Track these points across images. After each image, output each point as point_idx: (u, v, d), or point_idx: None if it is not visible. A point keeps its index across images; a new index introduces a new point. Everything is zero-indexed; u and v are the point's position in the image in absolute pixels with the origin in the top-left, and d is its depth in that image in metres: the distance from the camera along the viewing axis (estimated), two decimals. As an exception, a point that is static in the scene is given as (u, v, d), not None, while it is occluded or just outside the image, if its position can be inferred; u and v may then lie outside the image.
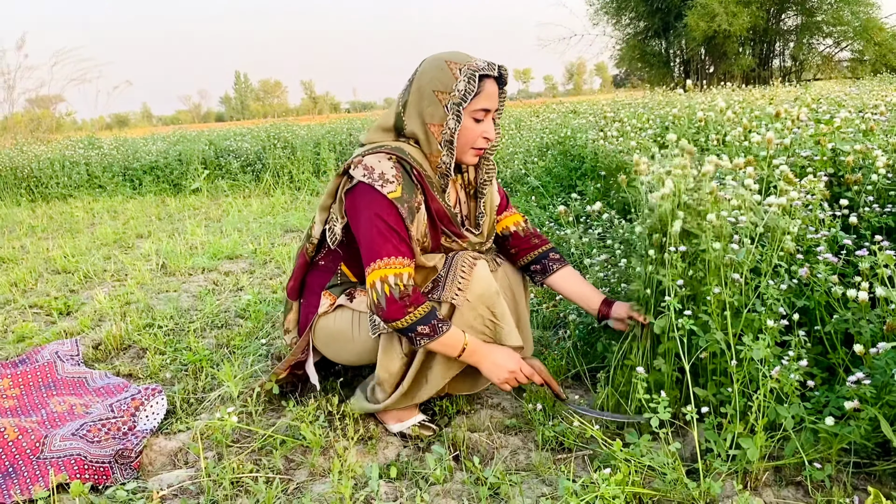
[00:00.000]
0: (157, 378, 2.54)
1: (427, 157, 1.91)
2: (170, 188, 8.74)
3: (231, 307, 3.39)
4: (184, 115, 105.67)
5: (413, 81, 1.90)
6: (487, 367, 1.88)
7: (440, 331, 1.79)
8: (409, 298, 1.76)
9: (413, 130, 1.89)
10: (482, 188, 2.07)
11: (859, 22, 23.91)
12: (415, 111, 1.88)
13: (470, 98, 1.83)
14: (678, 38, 26.24)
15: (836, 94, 5.78)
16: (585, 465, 1.82)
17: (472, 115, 1.86)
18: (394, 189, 1.79)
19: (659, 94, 8.35)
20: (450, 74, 1.83)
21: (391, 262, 1.77)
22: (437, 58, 1.88)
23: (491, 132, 1.91)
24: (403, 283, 1.77)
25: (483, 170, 2.06)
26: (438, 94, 1.83)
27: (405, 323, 1.76)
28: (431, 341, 1.79)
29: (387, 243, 1.78)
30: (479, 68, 1.83)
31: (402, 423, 2.03)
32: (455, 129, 1.85)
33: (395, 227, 1.79)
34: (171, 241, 5.19)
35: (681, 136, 3.73)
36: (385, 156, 1.84)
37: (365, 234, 1.81)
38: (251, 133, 10.21)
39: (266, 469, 1.85)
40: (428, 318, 1.78)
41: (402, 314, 1.76)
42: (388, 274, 1.76)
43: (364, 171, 1.81)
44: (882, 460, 1.67)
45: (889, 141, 2.53)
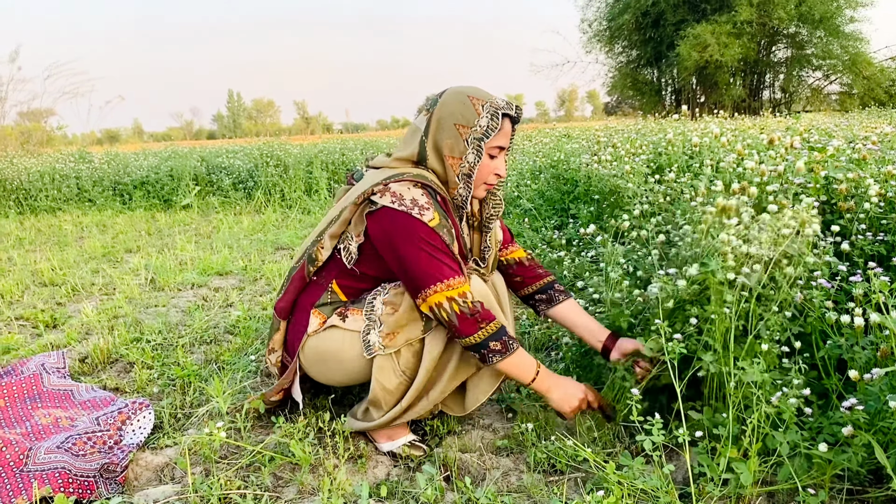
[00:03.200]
0: (145, 392, 2.51)
1: (446, 186, 1.92)
2: (160, 203, 8.71)
3: (220, 323, 3.36)
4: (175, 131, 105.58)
5: (432, 112, 1.90)
6: (559, 395, 1.90)
7: (511, 348, 1.81)
8: (479, 315, 1.78)
9: (433, 160, 1.90)
10: (488, 222, 2.08)
11: (848, 56, 24.32)
12: (434, 144, 1.89)
13: (493, 134, 1.85)
14: (670, 68, 26.56)
15: (825, 125, 5.84)
16: (578, 488, 1.80)
17: (489, 152, 1.88)
18: (432, 216, 1.80)
19: (651, 122, 8.42)
20: (472, 109, 1.85)
21: (452, 283, 1.78)
22: (460, 92, 1.90)
23: (502, 169, 1.93)
24: (471, 300, 1.78)
25: (490, 204, 2.06)
26: (460, 128, 1.85)
27: (479, 339, 1.78)
28: (503, 359, 1.81)
29: (442, 266, 1.78)
30: (501, 107, 1.86)
31: (392, 442, 2.00)
32: (475, 163, 1.86)
33: (444, 251, 1.80)
34: (161, 256, 5.15)
35: (674, 162, 3.76)
36: (411, 183, 1.84)
37: (412, 261, 1.78)
38: (243, 151, 10.21)
39: (254, 486, 1.82)
40: (499, 334, 1.79)
41: (475, 329, 1.77)
42: (454, 294, 1.77)
43: (392, 198, 1.80)
44: (874, 487, 1.66)
45: (881, 171, 2.55)
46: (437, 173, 1.92)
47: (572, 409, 1.90)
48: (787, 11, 23.30)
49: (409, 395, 1.90)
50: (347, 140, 13.51)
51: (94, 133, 33.16)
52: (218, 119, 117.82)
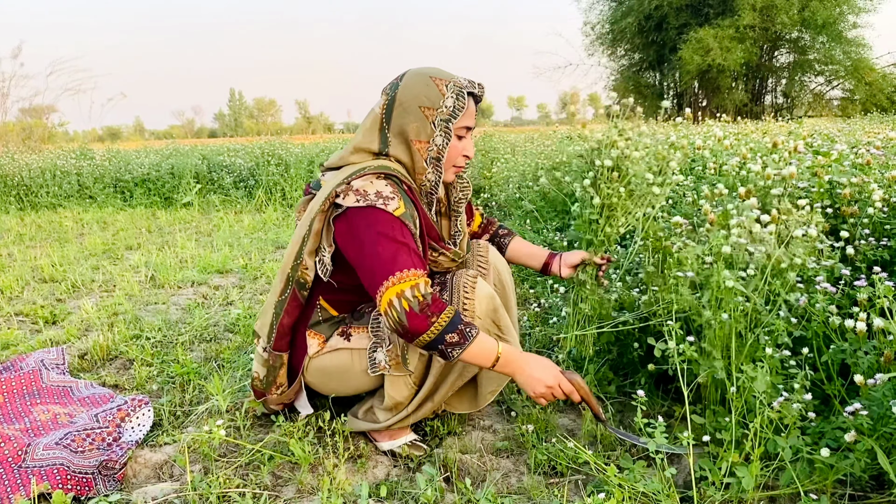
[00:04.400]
0: (144, 390, 2.50)
1: (412, 174, 1.87)
2: (161, 201, 8.70)
3: (220, 321, 3.35)
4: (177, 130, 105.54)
5: (394, 97, 1.83)
6: (524, 378, 1.79)
7: (469, 336, 1.70)
8: (429, 308, 1.67)
9: (396, 147, 1.84)
10: (457, 206, 2.04)
11: (850, 61, 24.32)
12: (398, 129, 1.82)
13: (460, 115, 1.80)
14: (672, 71, 26.55)
15: (828, 130, 5.84)
16: (578, 490, 1.79)
17: (456, 133, 1.84)
18: (397, 205, 1.73)
19: (654, 125, 8.40)
20: (437, 90, 1.79)
21: (404, 275, 1.68)
22: (421, 73, 1.83)
23: (471, 150, 1.90)
24: (421, 293, 1.67)
25: (458, 188, 2.04)
26: (425, 110, 1.79)
27: (432, 335, 1.67)
28: (463, 350, 1.70)
29: (397, 258, 1.69)
30: (465, 85, 1.82)
31: (393, 441, 1.99)
32: (443, 145, 1.82)
33: (404, 241, 1.71)
34: (161, 253, 5.15)
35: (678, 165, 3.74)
36: (373, 176, 1.77)
37: (368, 255, 1.71)
38: (245, 149, 10.20)
39: (253, 484, 1.82)
40: (454, 323, 1.69)
41: (427, 326, 1.66)
42: (404, 288, 1.67)
43: (357, 197, 1.73)
44: (877, 493, 1.66)
45: (885, 175, 2.54)
46: (401, 162, 1.85)
47: (537, 395, 1.79)
48: (789, 16, 23.30)
49: (415, 401, 1.90)
50: (349, 140, 13.49)
51: (95, 130, 33.15)
52: (219, 118, 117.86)
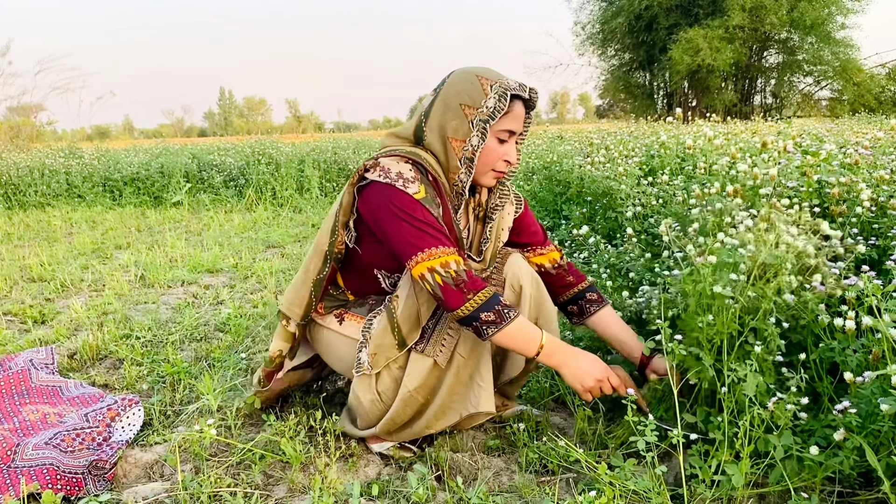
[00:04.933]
0: (134, 389, 2.49)
1: (444, 171, 1.83)
2: (150, 200, 8.67)
3: (211, 320, 3.34)
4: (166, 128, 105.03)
5: (439, 92, 1.82)
6: (571, 371, 1.75)
7: (507, 317, 1.68)
8: (465, 284, 1.66)
9: (432, 142, 1.82)
10: (492, 213, 1.96)
11: (839, 62, 24.46)
12: (437, 123, 1.80)
13: (498, 116, 1.75)
14: (662, 72, 26.63)
15: (816, 130, 5.87)
16: (569, 488, 1.80)
17: (497, 135, 1.79)
18: (417, 189, 1.71)
19: (644, 125, 8.44)
20: (480, 90, 1.75)
21: (433, 252, 1.67)
22: (468, 71, 1.80)
23: (513, 155, 1.83)
24: (453, 269, 1.66)
25: (497, 194, 1.96)
26: (465, 109, 1.76)
27: (468, 310, 1.66)
28: (499, 330, 1.67)
29: (423, 236, 1.68)
30: (511, 87, 1.76)
31: (382, 444, 1.98)
32: (478, 146, 1.77)
33: (426, 221, 1.69)
34: (151, 252, 5.13)
35: (667, 165, 3.76)
36: (401, 158, 1.77)
37: (394, 232, 1.70)
38: (235, 148, 10.18)
39: (244, 484, 1.81)
40: (491, 303, 1.67)
41: (462, 301, 1.66)
42: (434, 265, 1.66)
43: (380, 172, 1.73)
44: (865, 490, 1.67)
45: (873, 175, 2.56)
46: (436, 155, 1.83)
47: (586, 389, 1.76)
48: (778, 17, 23.41)
49: (382, 423, 1.87)
50: (339, 139, 13.47)
51: (84, 129, 32.97)
52: (209, 117, 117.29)
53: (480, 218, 1.99)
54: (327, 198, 8.48)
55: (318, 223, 6.71)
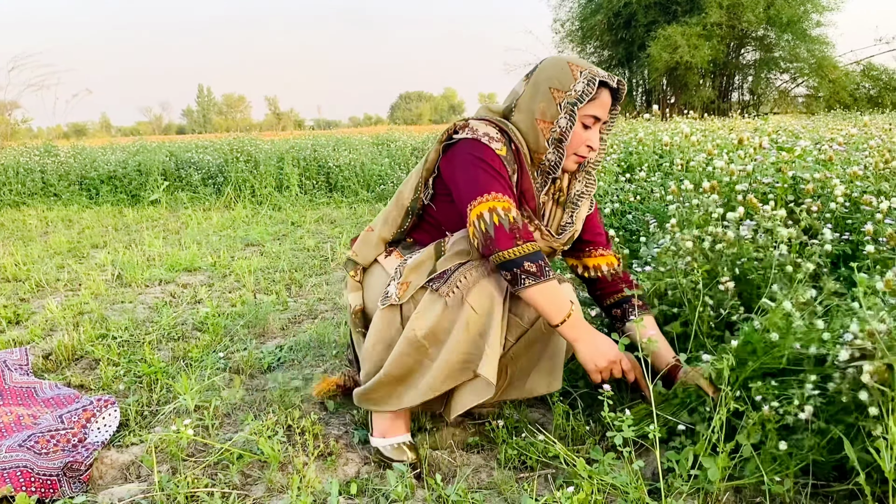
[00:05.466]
0: (110, 390, 2.47)
1: (530, 150, 1.89)
2: (128, 199, 8.59)
3: (189, 320, 3.32)
4: (144, 126, 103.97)
5: (531, 77, 1.89)
6: (588, 349, 1.75)
7: (546, 274, 1.70)
8: (518, 231, 1.71)
9: (519, 121, 1.88)
10: (577, 199, 2.00)
11: (815, 59, 24.76)
12: (526, 105, 1.87)
13: (586, 100, 1.81)
14: (641, 69, 26.81)
15: (792, 126, 5.93)
16: (548, 484, 1.80)
17: (583, 120, 1.85)
18: (500, 147, 1.79)
19: (623, 122, 8.49)
20: (569, 74, 1.82)
21: (498, 196, 1.72)
22: (559, 58, 1.88)
23: (595, 141, 1.89)
24: (513, 216, 1.72)
25: (583, 182, 2.01)
26: (554, 92, 1.82)
27: (514, 255, 1.68)
28: (537, 283, 1.69)
29: (493, 181, 1.74)
30: (600, 75, 1.82)
31: (384, 439, 1.92)
32: (567, 128, 1.82)
33: (501, 173, 1.77)
34: (128, 251, 5.08)
35: (645, 161, 3.79)
36: (489, 123, 1.85)
37: (466, 173, 1.77)
38: (213, 146, 10.10)
39: (222, 484, 1.80)
40: (536, 256, 1.70)
41: (512, 244, 1.69)
42: (497, 206, 1.71)
43: (468, 132, 1.82)
44: (838, 482, 1.69)
45: (847, 171, 2.59)
46: (521, 132, 1.88)
47: (598, 369, 1.76)
48: (755, 14, 23.64)
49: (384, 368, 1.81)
50: (319, 136, 13.42)
51: (60, 127, 32.55)
52: (188, 114, 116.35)
53: (561, 203, 2.01)
54: (307, 195, 8.44)
55: (298, 221, 6.69)
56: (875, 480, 1.50)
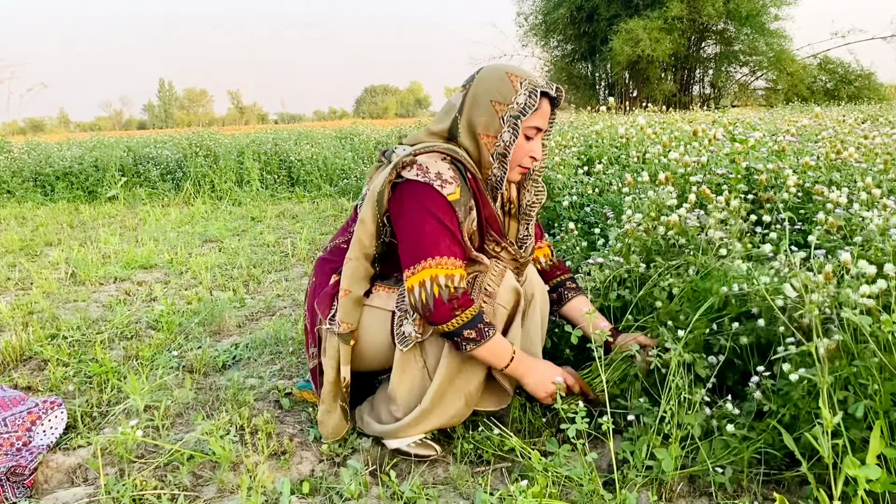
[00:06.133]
0: (59, 391, 2.40)
1: (478, 166, 1.85)
2: (84, 195, 8.40)
3: (143, 318, 3.25)
4: (104, 121, 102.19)
5: (469, 88, 1.84)
6: (534, 379, 1.80)
7: (486, 335, 1.71)
8: (457, 301, 1.69)
9: (465, 139, 1.83)
10: (529, 209, 1.99)
11: (773, 53, 25.15)
12: (468, 121, 1.82)
13: (529, 113, 1.78)
14: (604, 62, 26.96)
15: (750, 119, 6.01)
16: (503, 478, 1.79)
17: (525, 132, 1.82)
18: (453, 191, 1.73)
19: (585, 115, 8.53)
20: (510, 86, 1.78)
21: (443, 261, 1.69)
22: (498, 68, 1.83)
23: (538, 152, 1.87)
24: (455, 284, 1.69)
25: (532, 192, 2.00)
26: (496, 105, 1.78)
27: (451, 327, 1.69)
28: (478, 346, 1.71)
29: (440, 242, 1.70)
30: (540, 85, 1.80)
31: (400, 440, 1.89)
32: (510, 142, 1.79)
33: (450, 227, 1.72)
34: (83, 249, 4.96)
35: (604, 154, 3.80)
36: (439, 156, 1.78)
37: (414, 230, 1.72)
38: (172, 141, 9.93)
39: (171, 485, 1.76)
40: (474, 322, 1.70)
41: (450, 317, 1.68)
42: (440, 274, 1.68)
43: (418, 171, 1.73)
44: (789, 470, 1.70)
45: (799, 162, 2.62)
46: (468, 152, 1.84)
47: (548, 394, 1.80)
48: (715, 8, 23.94)
49: (428, 396, 1.79)
50: (282, 130, 13.27)
51: (16, 122, 31.81)
52: (149, 109, 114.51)
53: (513, 214, 2.01)
54: (268, 190, 8.34)
55: (258, 216, 6.61)
56: (825, 466, 1.52)
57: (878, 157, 2.70)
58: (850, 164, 2.65)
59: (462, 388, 1.82)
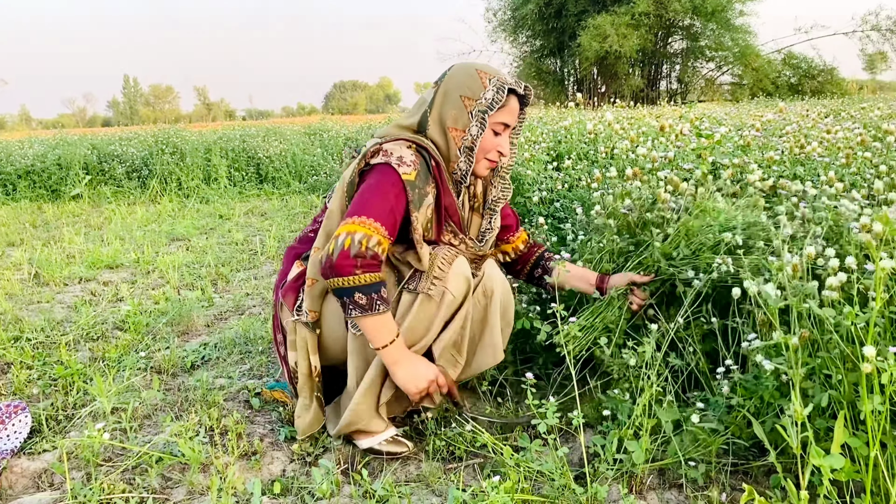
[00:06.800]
0: (23, 394, 2.35)
1: (445, 160, 1.88)
2: (47, 194, 8.25)
3: (109, 319, 3.20)
4: (67, 119, 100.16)
5: (440, 84, 1.89)
6: (404, 372, 1.75)
7: (376, 307, 1.69)
8: (362, 260, 1.66)
9: (434, 132, 1.88)
10: (494, 205, 2.04)
11: (738, 48, 25.51)
12: (438, 115, 1.87)
13: (496, 108, 1.83)
14: (572, 58, 27.15)
15: (716, 114, 6.09)
16: (476, 474, 1.80)
17: (493, 127, 1.86)
18: (409, 172, 1.76)
19: (554, 111, 8.56)
20: (479, 82, 1.84)
21: (367, 221, 1.68)
22: (468, 65, 1.90)
23: (505, 147, 1.91)
24: (368, 245, 1.67)
25: (498, 188, 2.04)
26: (465, 100, 1.84)
27: (346, 283, 1.66)
28: (363, 316, 1.69)
29: (375, 205, 1.71)
30: (508, 82, 1.84)
31: (371, 439, 1.89)
32: (477, 136, 1.84)
33: (394, 201, 1.73)
34: (46, 249, 4.87)
35: (573, 150, 3.82)
36: (405, 143, 1.82)
37: (360, 195, 1.75)
38: (138, 138, 9.78)
39: (140, 489, 1.73)
40: (370, 289, 1.68)
41: (349, 272, 1.66)
42: (359, 230, 1.67)
43: (383, 156, 1.79)
44: (757, 460, 1.73)
45: (764, 156, 2.66)
46: (437, 145, 1.88)
47: (418, 391, 1.76)
48: (681, 4, 24.21)
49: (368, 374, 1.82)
50: (249, 126, 13.15)
51: (-26, 120, 31.10)
52: (113, 106, 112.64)
53: (476, 209, 2.04)
54: (236, 187, 8.26)
55: (227, 214, 6.54)
56: (791, 456, 1.54)
57: (840, 151, 2.75)
58: (813, 158, 2.69)
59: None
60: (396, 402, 1.90)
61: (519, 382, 2.26)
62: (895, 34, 26.39)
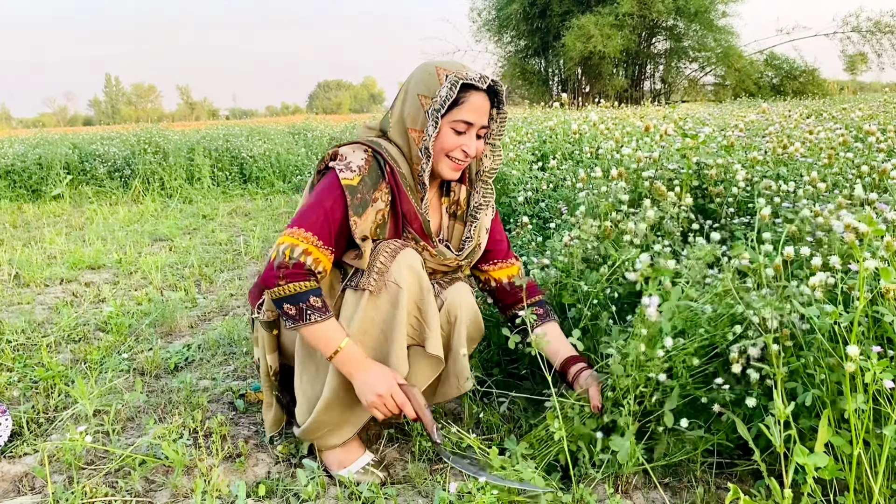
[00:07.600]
0: (3, 397, 2.32)
1: (409, 161, 1.80)
2: (28, 194, 8.15)
3: (91, 320, 3.17)
4: (48, 118, 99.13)
5: (404, 84, 1.83)
6: (358, 383, 1.66)
7: (307, 318, 1.63)
8: (285, 270, 1.62)
9: (395, 133, 1.82)
10: (476, 211, 1.92)
11: (721, 49, 25.71)
12: (398, 114, 1.81)
13: (447, 105, 1.72)
14: (556, 58, 27.23)
15: (700, 114, 6.12)
16: (462, 475, 1.79)
17: (452, 126, 1.75)
18: (351, 177, 1.70)
19: (539, 111, 8.58)
20: (436, 80, 1.73)
21: (297, 232, 1.65)
22: (430, 63, 1.79)
23: (471, 147, 1.77)
24: (291, 255, 1.62)
25: (480, 193, 1.93)
26: (422, 98, 1.74)
27: (273, 294, 1.64)
28: (297, 326, 1.64)
29: (308, 215, 1.68)
30: (465, 77, 1.72)
31: (345, 469, 1.79)
32: (432, 136, 1.74)
33: (329, 210, 1.68)
34: (27, 249, 4.82)
35: (558, 150, 3.82)
36: (360, 146, 1.77)
37: (304, 202, 1.78)
38: (120, 137, 9.69)
39: (123, 492, 1.72)
40: (297, 299, 1.63)
41: (273, 284, 1.63)
42: (286, 241, 1.64)
43: (336, 160, 1.75)
44: (742, 460, 1.74)
45: (748, 156, 2.68)
46: (399, 147, 1.81)
47: (369, 403, 1.66)
48: (665, 4, 24.36)
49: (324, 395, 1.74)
50: (233, 126, 13.07)
51: (-47, 119, 30.73)
52: (95, 104, 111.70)
53: (458, 216, 1.95)
54: (219, 187, 8.21)
55: (210, 214, 6.50)
56: (775, 456, 1.55)
57: (822, 151, 2.77)
58: (796, 158, 2.71)
59: None
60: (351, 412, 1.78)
61: (506, 383, 2.26)
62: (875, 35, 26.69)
